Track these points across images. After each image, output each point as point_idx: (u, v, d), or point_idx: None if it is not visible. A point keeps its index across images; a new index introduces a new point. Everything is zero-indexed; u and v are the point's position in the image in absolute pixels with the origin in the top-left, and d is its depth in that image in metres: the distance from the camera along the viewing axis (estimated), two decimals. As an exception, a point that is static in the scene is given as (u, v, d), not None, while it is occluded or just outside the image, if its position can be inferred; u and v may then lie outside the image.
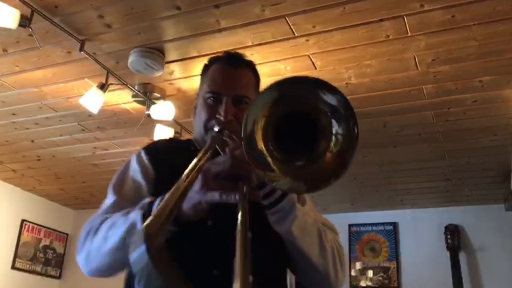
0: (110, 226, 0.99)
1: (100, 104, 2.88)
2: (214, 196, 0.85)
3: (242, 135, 0.83)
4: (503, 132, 3.29)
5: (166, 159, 1.17)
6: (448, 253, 4.56)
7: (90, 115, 3.32)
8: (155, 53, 2.66)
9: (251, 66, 1.26)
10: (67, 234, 5.65)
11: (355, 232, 5.18)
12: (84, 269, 1.06)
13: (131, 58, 2.67)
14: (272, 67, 2.73)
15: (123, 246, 0.92)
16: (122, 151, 4.01)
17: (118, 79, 2.90)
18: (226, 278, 0.67)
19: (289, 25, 2.41)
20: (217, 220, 1.02)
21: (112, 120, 3.47)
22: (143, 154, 1.20)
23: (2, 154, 4.22)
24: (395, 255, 4.92)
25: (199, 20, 2.42)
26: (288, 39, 2.51)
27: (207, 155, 0.93)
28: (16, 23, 2.29)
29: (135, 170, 1.17)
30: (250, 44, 2.56)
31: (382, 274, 4.92)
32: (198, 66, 2.79)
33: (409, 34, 2.42)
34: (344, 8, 2.27)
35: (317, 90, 0.83)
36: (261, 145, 0.85)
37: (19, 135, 3.82)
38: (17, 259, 5.04)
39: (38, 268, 5.27)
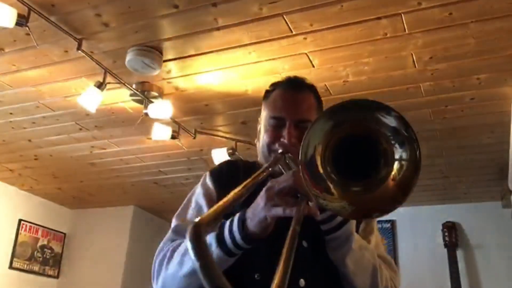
0: (184, 253, 1.05)
1: (97, 103, 2.87)
2: (278, 211, 0.90)
3: (300, 158, 0.88)
4: (501, 129, 3.29)
5: (229, 180, 1.18)
6: (445, 251, 4.58)
7: (87, 114, 3.31)
8: (153, 51, 2.65)
9: (312, 89, 1.27)
10: (64, 234, 5.64)
11: (353, 230, 5.18)
12: None
13: (129, 57, 2.66)
14: (269, 65, 2.73)
15: (195, 272, 0.99)
16: (120, 150, 4.01)
17: (116, 78, 2.89)
18: (267, 282, 0.69)
19: (287, 23, 2.41)
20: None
21: (109, 119, 3.47)
22: (207, 177, 1.27)
23: (-1, 154, 4.21)
24: (393, 253, 4.92)
25: (197, 19, 2.41)
26: (285, 37, 2.51)
27: (268, 171, 1.00)
28: (13, 22, 2.28)
29: (198, 193, 1.24)
30: (247, 42, 2.56)
31: (380, 271, 4.93)
32: (195, 64, 2.79)
33: (406, 32, 2.42)
34: (342, 6, 2.27)
35: (373, 112, 0.87)
36: (320, 168, 0.90)
37: (16, 135, 3.81)
38: (15, 259, 5.03)
39: (36, 268, 5.25)
